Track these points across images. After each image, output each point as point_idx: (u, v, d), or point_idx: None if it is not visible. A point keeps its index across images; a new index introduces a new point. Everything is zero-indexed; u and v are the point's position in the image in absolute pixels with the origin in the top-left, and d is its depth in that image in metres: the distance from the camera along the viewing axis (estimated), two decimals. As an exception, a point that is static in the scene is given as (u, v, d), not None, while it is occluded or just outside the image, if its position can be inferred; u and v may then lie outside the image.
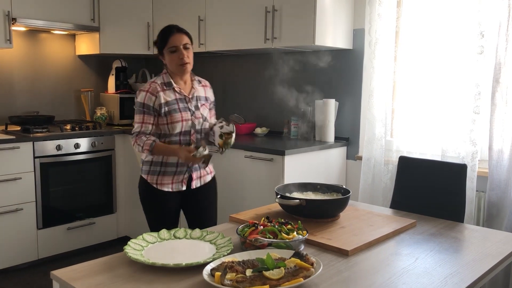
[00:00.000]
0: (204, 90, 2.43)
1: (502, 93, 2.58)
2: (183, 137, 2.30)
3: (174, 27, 2.32)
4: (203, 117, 2.36)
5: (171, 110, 2.26)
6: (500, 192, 2.62)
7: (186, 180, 2.35)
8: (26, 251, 3.46)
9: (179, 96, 2.31)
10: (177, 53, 2.28)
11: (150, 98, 2.26)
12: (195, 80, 2.42)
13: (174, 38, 2.28)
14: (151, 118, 2.27)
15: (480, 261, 1.55)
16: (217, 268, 1.30)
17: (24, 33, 3.94)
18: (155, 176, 2.33)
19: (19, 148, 3.35)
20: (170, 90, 2.30)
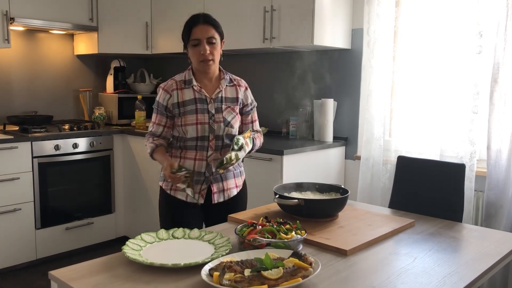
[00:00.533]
0: (235, 91, 2.14)
1: (500, 93, 2.58)
2: (200, 142, 2.04)
3: (201, 17, 2.05)
4: (226, 122, 2.06)
5: (186, 111, 2.04)
6: (498, 192, 2.62)
7: (205, 192, 2.08)
8: (24, 251, 3.46)
9: (199, 96, 2.06)
10: (198, 47, 2.01)
11: (164, 96, 2.07)
12: (225, 79, 2.13)
13: (198, 29, 2.01)
14: (163, 119, 2.08)
15: (479, 261, 1.55)
16: (216, 268, 1.30)
17: (22, 32, 3.94)
18: (170, 183, 2.10)
19: (17, 148, 3.34)
20: (189, 88, 2.07)
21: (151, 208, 3.81)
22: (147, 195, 3.83)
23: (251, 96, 2.21)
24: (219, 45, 2.05)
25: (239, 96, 2.14)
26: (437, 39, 2.87)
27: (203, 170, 2.05)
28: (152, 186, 3.78)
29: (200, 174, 2.05)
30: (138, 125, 4.02)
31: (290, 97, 3.64)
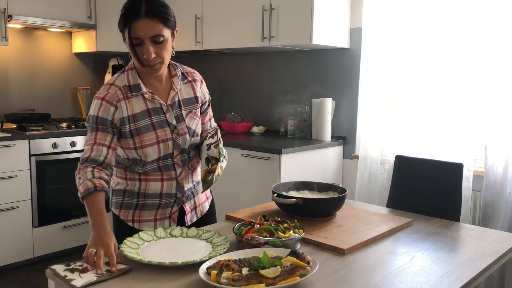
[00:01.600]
0: (191, 88, 1.72)
1: (499, 93, 2.58)
2: (163, 162, 1.65)
3: (142, 7, 1.49)
4: (191, 131, 1.68)
5: (140, 127, 1.58)
6: (495, 192, 2.63)
7: (177, 214, 1.74)
8: (22, 249, 3.45)
9: (152, 106, 1.61)
10: (141, 47, 1.52)
11: (107, 110, 1.56)
12: (177, 76, 1.68)
13: (139, 25, 1.49)
14: (107, 137, 1.56)
15: (476, 260, 1.56)
16: (213, 266, 1.30)
17: (20, 30, 3.93)
18: (130, 211, 1.71)
19: (15, 146, 3.33)
20: (138, 96, 1.60)
21: (149, 207, 3.80)
22: (145, 194, 3.82)
23: (207, 91, 1.80)
24: (169, 41, 1.56)
25: (197, 95, 1.73)
26: (436, 39, 2.88)
27: (174, 191, 1.71)
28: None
29: (169, 196, 1.70)
30: (136, 124, 4.01)
31: (288, 96, 3.64)
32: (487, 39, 2.62)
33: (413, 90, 3.03)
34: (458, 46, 2.78)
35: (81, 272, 1.35)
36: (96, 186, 1.49)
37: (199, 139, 1.75)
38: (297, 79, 3.61)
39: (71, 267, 1.38)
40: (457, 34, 2.79)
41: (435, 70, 2.90)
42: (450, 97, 2.84)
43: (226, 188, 3.18)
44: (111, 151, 1.58)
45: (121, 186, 1.73)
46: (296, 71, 3.62)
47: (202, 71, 2.00)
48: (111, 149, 1.58)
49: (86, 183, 1.50)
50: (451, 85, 2.83)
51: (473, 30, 2.67)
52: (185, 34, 3.76)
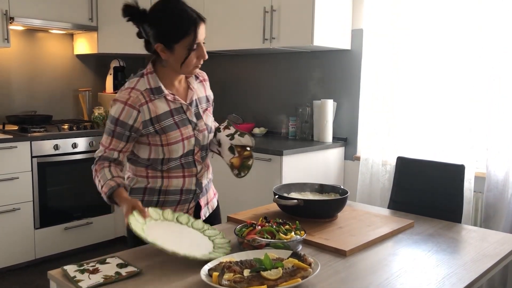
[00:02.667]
0: (203, 87, 1.84)
1: (500, 94, 2.58)
2: (185, 159, 1.73)
3: (195, 13, 1.63)
4: (208, 128, 1.78)
5: (165, 127, 1.66)
6: (497, 193, 2.62)
7: (193, 209, 1.81)
8: (23, 251, 3.45)
9: (174, 106, 1.69)
10: (198, 50, 1.65)
11: (130, 114, 1.62)
12: (192, 77, 1.79)
13: (202, 30, 1.63)
14: (119, 144, 1.65)
15: (478, 262, 1.56)
16: (215, 268, 1.30)
17: (22, 32, 3.93)
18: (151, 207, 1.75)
19: (17, 147, 3.34)
20: (161, 98, 1.67)
21: (150, 208, 3.80)
22: (146, 195, 3.82)
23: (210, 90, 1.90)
24: None
25: (208, 94, 1.84)
26: (437, 39, 2.88)
27: (193, 187, 1.77)
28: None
29: (189, 192, 1.76)
30: (138, 125, 4.01)
31: (289, 98, 3.64)
32: (487, 39, 2.62)
33: (414, 91, 3.03)
34: (458, 46, 2.79)
35: (91, 273, 1.35)
36: (119, 184, 1.62)
37: (212, 136, 1.82)
38: (298, 81, 3.61)
39: (83, 267, 1.39)
40: (457, 34, 2.79)
41: (436, 70, 2.90)
42: (450, 98, 2.84)
43: (227, 189, 3.18)
44: (122, 154, 1.68)
45: (140, 184, 1.76)
46: (297, 73, 3.62)
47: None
48: (122, 153, 1.68)
49: (108, 183, 1.61)
50: (452, 85, 2.83)
51: (473, 30, 2.67)
52: (186, 36, 3.75)
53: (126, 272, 1.36)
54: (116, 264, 1.41)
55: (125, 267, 1.40)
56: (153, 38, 1.66)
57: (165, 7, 1.63)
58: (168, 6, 1.63)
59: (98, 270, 1.37)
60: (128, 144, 1.67)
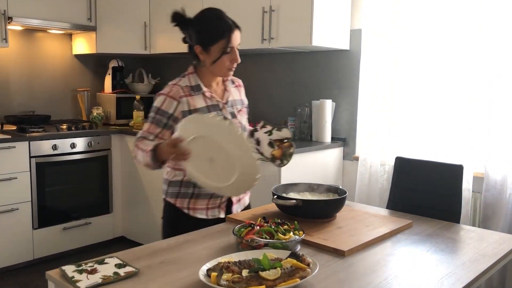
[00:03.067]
0: (238, 92, 2.03)
1: (499, 94, 2.58)
2: None
3: (231, 21, 1.87)
4: (242, 126, 1.95)
5: None
6: (496, 193, 2.63)
7: (225, 204, 1.95)
8: (22, 251, 3.45)
9: (211, 103, 1.88)
10: (231, 54, 1.85)
11: (170, 103, 1.82)
12: (228, 80, 2.00)
13: (236, 36, 1.85)
14: (157, 129, 1.83)
15: (476, 262, 1.56)
16: (213, 268, 1.30)
17: (20, 32, 3.93)
18: (186, 200, 1.92)
19: (15, 147, 3.33)
20: (199, 95, 1.87)
21: (149, 208, 3.80)
22: (145, 195, 3.82)
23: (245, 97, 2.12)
24: None
25: (243, 98, 2.06)
26: (437, 38, 2.88)
27: None
28: (150, 186, 3.77)
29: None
30: (136, 125, 4.02)
31: (288, 98, 3.64)
32: (488, 38, 2.62)
33: (413, 91, 3.03)
34: (458, 45, 2.79)
35: (89, 273, 1.35)
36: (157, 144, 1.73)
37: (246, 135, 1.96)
38: (297, 81, 3.61)
39: (81, 268, 1.38)
40: (457, 33, 2.79)
41: (435, 70, 2.90)
42: (450, 97, 2.84)
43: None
44: (157, 139, 1.82)
45: (178, 178, 1.93)
46: (296, 73, 3.62)
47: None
48: (157, 138, 1.83)
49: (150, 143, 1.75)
50: (451, 84, 2.83)
51: (474, 29, 2.67)
52: (185, 36, 3.76)
53: (124, 272, 1.36)
54: (114, 264, 1.41)
55: (123, 267, 1.40)
56: (193, 41, 1.87)
57: (205, 14, 1.89)
58: (208, 13, 1.89)
59: (97, 270, 1.37)
60: (164, 131, 1.83)
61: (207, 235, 1.74)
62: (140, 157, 1.78)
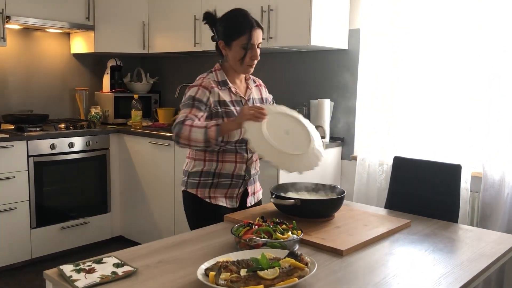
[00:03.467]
0: (259, 91, 2.17)
1: (498, 94, 2.59)
2: (239, 145, 2.00)
3: (254, 20, 1.98)
4: None
5: (227, 112, 1.95)
6: (494, 193, 2.63)
7: (240, 195, 2.07)
8: (20, 250, 3.44)
9: (235, 98, 2.01)
10: (251, 51, 1.96)
11: (203, 93, 1.93)
12: (250, 80, 2.14)
13: (256, 33, 1.96)
14: (199, 113, 1.89)
15: (474, 261, 1.56)
16: (212, 268, 1.30)
17: (18, 31, 3.92)
18: (206, 189, 2.01)
19: (13, 147, 3.33)
20: (225, 90, 1.99)
21: (147, 208, 3.80)
22: (143, 195, 3.82)
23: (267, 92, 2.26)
24: None
25: (263, 96, 2.18)
26: (435, 40, 2.88)
27: (243, 173, 2.03)
28: (149, 186, 3.77)
29: (239, 177, 2.02)
30: (134, 125, 4.01)
31: (286, 97, 3.64)
32: (487, 38, 2.62)
33: (412, 91, 3.03)
34: (458, 45, 2.78)
35: (87, 272, 1.34)
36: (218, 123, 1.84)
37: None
38: (295, 80, 3.61)
39: (79, 267, 1.38)
40: (456, 33, 2.79)
41: (434, 69, 2.90)
42: (449, 97, 2.84)
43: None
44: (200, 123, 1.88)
45: (198, 168, 2.02)
46: (294, 72, 3.62)
47: (200, 72, 2.05)
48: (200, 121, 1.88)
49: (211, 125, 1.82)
50: (450, 84, 2.83)
51: (473, 29, 2.67)
52: (183, 35, 3.75)
53: (122, 271, 1.36)
54: (112, 263, 1.41)
55: (121, 266, 1.40)
56: (218, 37, 2.02)
57: (230, 13, 2.02)
58: (234, 11, 2.02)
59: (95, 270, 1.36)
60: (204, 115, 1.91)
61: (205, 235, 1.74)
62: (199, 133, 1.80)
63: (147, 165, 3.75)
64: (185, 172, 2.09)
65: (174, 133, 1.85)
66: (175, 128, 1.85)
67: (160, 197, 3.69)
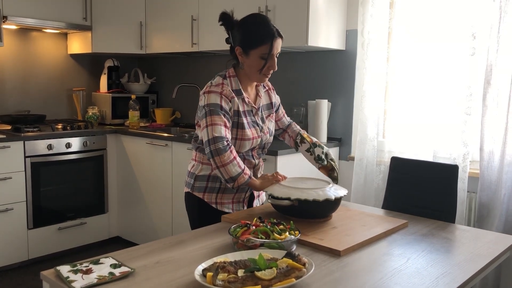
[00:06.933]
0: (268, 96, 2.12)
1: (493, 94, 2.59)
2: (247, 152, 1.99)
3: (275, 29, 1.90)
4: (270, 132, 2.07)
5: (240, 123, 1.91)
6: (490, 193, 2.64)
7: (247, 199, 2.06)
8: (17, 251, 3.43)
9: (247, 108, 1.96)
10: (270, 61, 1.90)
11: (226, 102, 1.88)
12: (261, 85, 2.08)
13: (277, 43, 1.89)
14: (228, 123, 1.86)
15: (471, 262, 1.56)
16: (209, 268, 1.30)
17: (15, 31, 3.91)
18: (213, 194, 1.99)
19: (10, 147, 3.32)
20: (240, 99, 1.94)
21: (144, 208, 3.79)
22: (140, 195, 3.81)
23: (277, 96, 2.21)
24: None
25: (272, 101, 2.12)
26: (430, 41, 2.88)
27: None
28: (146, 186, 3.76)
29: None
30: (132, 125, 4.01)
31: (284, 98, 3.63)
32: (481, 41, 2.63)
33: (409, 91, 3.04)
34: (453, 44, 2.79)
35: (84, 273, 1.34)
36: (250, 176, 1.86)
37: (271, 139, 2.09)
38: (293, 81, 3.61)
39: (76, 268, 1.38)
40: (453, 33, 2.79)
41: (431, 71, 2.91)
42: (445, 99, 2.84)
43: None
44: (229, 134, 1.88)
45: (205, 172, 1.99)
46: (292, 73, 3.62)
47: (197, 73, 2.04)
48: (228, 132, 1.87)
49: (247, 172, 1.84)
50: (447, 86, 2.83)
51: (467, 31, 2.67)
52: (181, 36, 3.75)
53: (119, 272, 1.36)
54: (109, 264, 1.41)
55: (118, 267, 1.39)
56: (236, 42, 1.93)
57: (252, 18, 1.94)
58: (255, 17, 1.94)
59: (92, 271, 1.36)
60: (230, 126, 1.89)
61: (203, 235, 1.74)
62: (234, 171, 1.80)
63: (145, 166, 3.74)
64: (191, 174, 2.04)
65: (215, 146, 1.79)
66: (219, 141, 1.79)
67: (158, 198, 3.68)
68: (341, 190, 1.93)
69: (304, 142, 2.11)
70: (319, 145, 2.10)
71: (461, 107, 2.73)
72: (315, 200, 1.80)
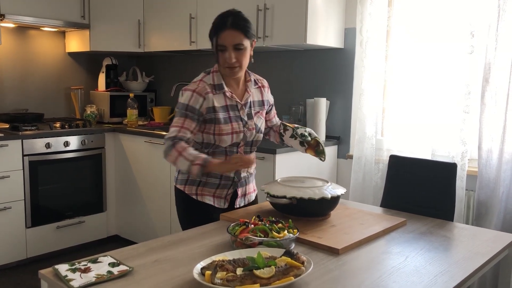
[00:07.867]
0: (260, 93, 2.08)
1: (491, 92, 2.59)
2: (230, 148, 1.97)
3: (228, 21, 1.87)
4: (257, 128, 2.02)
5: (219, 118, 1.91)
6: (489, 191, 2.64)
7: (230, 196, 2.04)
8: (15, 250, 3.43)
9: (230, 103, 1.95)
10: (224, 53, 1.88)
11: (197, 100, 1.89)
12: (251, 81, 2.04)
13: (225, 35, 1.86)
14: (192, 125, 1.88)
15: (470, 260, 1.56)
16: (208, 267, 1.30)
17: (13, 29, 3.90)
18: (194, 187, 2.01)
19: (8, 146, 3.31)
20: (221, 94, 1.93)
21: (143, 207, 3.79)
22: (139, 194, 3.81)
23: (271, 95, 2.19)
24: (247, 50, 1.91)
25: (264, 99, 2.09)
26: (429, 39, 2.89)
27: (232, 175, 2.00)
28: (144, 185, 3.76)
29: (228, 179, 1.99)
30: (130, 123, 4.00)
31: (283, 96, 3.64)
32: (479, 39, 2.63)
33: (408, 89, 3.04)
34: (450, 46, 2.79)
35: (83, 272, 1.34)
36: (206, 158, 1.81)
37: (261, 137, 2.07)
38: (291, 79, 3.61)
39: (75, 266, 1.37)
40: (449, 34, 2.79)
41: (429, 70, 2.91)
42: (444, 97, 2.85)
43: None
44: (193, 135, 1.91)
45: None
46: (290, 71, 3.62)
47: (196, 71, 2.05)
48: (192, 134, 1.90)
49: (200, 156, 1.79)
50: (445, 85, 2.84)
51: (466, 29, 2.67)
52: (179, 34, 3.75)
53: (118, 271, 1.36)
54: (108, 263, 1.41)
55: (117, 266, 1.39)
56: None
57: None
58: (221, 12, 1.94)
59: (90, 269, 1.36)
60: (197, 126, 1.90)
61: (201, 234, 1.74)
62: (184, 165, 1.79)
63: (143, 164, 3.74)
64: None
65: (164, 147, 1.85)
66: (166, 142, 1.85)
67: (156, 196, 3.68)
68: (339, 189, 1.93)
69: (287, 129, 2.10)
70: (301, 127, 2.11)
71: (460, 106, 2.73)
72: (311, 198, 1.80)
